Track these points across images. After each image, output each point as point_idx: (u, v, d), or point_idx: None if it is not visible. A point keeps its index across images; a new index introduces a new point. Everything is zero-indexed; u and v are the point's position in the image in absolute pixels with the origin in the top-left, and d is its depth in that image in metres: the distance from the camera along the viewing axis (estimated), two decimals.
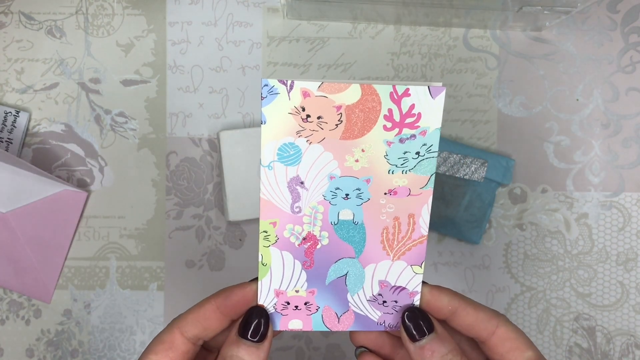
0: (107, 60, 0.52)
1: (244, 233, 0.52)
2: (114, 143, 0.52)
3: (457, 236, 0.52)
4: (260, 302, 0.33)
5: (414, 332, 0.32)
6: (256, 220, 0.52)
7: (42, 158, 0.52)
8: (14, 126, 0.51)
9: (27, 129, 0.52)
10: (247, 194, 0.50)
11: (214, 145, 0.52)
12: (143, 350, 0.52)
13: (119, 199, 0.52)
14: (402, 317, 0.33)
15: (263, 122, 0.30)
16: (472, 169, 0.50)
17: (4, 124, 0.51)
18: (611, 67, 0.52)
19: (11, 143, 0.51)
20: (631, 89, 0.52)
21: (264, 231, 0.33)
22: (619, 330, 0.52)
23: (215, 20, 0.52)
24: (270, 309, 0.34)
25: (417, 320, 0.33)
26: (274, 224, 0.33)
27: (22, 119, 0.51)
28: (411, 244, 0.33)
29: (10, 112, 0.51)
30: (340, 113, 0.31)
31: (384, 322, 0.34)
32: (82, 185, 0.52)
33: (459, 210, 0.51)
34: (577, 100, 0.52)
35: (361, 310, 0.34)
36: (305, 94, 0.30)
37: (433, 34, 0.52)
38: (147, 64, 0.52)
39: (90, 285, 0.52)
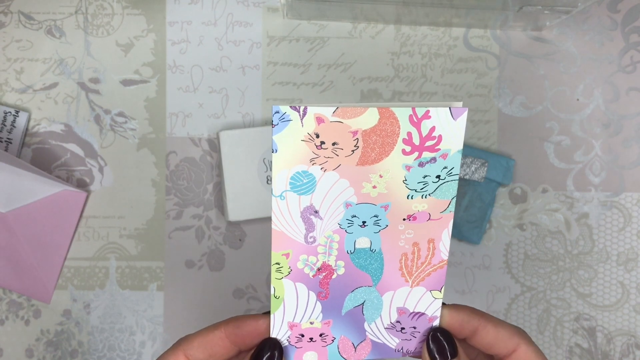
0: (107, 60, 0.52)
1: (243, 233, 0.52)
2: (113, 143, 0.52)
3: (457, 236, 0.52)
4: (273, 336, 0.32)
5: (437, 355, 0.32)
6: (256, 221, 0.52)
7: (41, 158, 0.52)
8: (13, 126, 0.51)
9: (27, 129, 0.52)
10: (247, 194, 0.50)
11: (214, 145, 0.52)
12: (142, 350, 0.52)
13: (119, 199, 0.52)
14: (427, 338, 0.32)
15: (274, 151, 0.29)
16: (473, 169, 0.50)
17: (3, 123, 0.50)
18: (612, 66, 0.52)
19: (11, 143, 0.51)
20: (632, 89, 0.52)
21: (276, 263, 0.31)
22: (619, 331, 0.52)
23: (215, 20, 0.52)
24: (284, 342, 0.32)
25: (442, 343, 0.32)
26: (287, 255, 0.31)
27: (22, 118, 0.51)
28: (431, 269, 0.32)
29: (9, 112, 0.51)
30: (357, 138, 0.29)
31: (402, 348, 0.33)
32: (82, 185, 0.52)
33: (459, 210, 0.51)
34: (578, 100, 0.52)
35: (378, 338, 0.33)
36: (319, 120, 0.29)
37: (433, 34, 0.52)
38: (147, 64, 0.52)
39: (90, 286, 0.52)
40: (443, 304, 0.33)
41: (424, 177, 0.30)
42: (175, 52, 0.52)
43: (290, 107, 0.28)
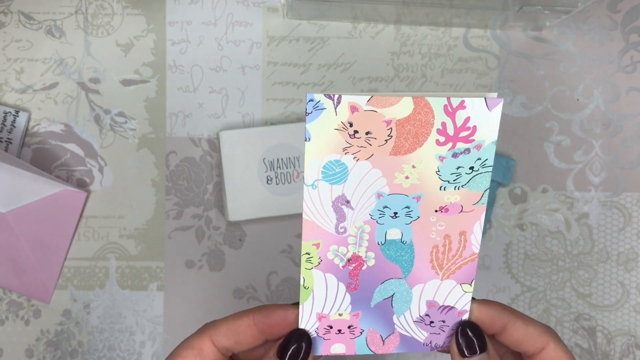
0: (107, 60, 0.52)
1: (243, 233, 0.52)
2: (113, 143, 0.52)
3: None
4: (301, 326, 0.32)
5: (465, 349, 0.31)
6: (256, 221, 0.52)
7: (41, 158, 0.52)
8: (13, 126, 0.51)
9: (27, 129, 0.52)
10: (247, 194, 0.50)
11: (214, 145, 0.52)
12: (142, 350, 0.52)
13: (119, 199, 0.52)
14: (457, 331, 0.32)
15: (307, 139, 0.28)
16: None
17: (3, 123, 0.50)
18: (612, 66, 0.52)
19: (11, 143, 0.51)
20: (632, 89, 0.52)
21: (306, 253, 0.31)
22: (619, 331, 0.52)
23: (215, 20, 0.52)
24: (312, 333, 0.32)
25: (471, 337, 0.32)
26: (317, 245, 0.31)
27: (22, 118, 0.51)
28: (462, 262, 0.32)
29: (9, 112, 0.51)
30: (390, 128, 0.29)
31: (430, 342, 0.33)
32: (82, 185, 0.52)
33: None
34: (578, 100, 0.52)
35: (407, 332, 0.33)
36: (353, 109, 0.28)
37: (433, 34, 0.52)
38: (147, 64, 0.52)
39: (90, 286, 0.52)
40: (473, 298, 0.32)
41: (457, 168, 0.30)
42: (175, 52, 0.52)
43: (325, 95, 0.28)
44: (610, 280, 0.52)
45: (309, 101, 0.28)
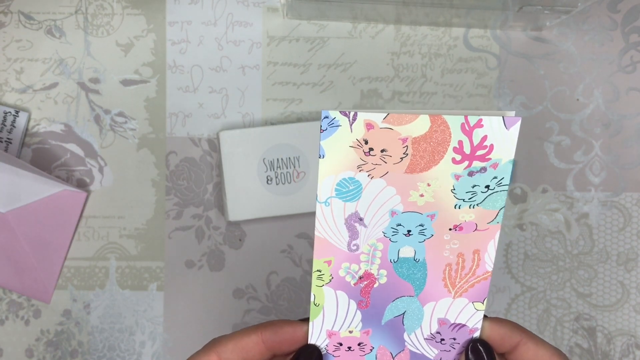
0: (107, 60, 0.52)
1: (243, 233, 0.52)
2: (113, 143, 0.52)
3: None
4: (311, 343, 0.32)
5: None
6: (256, 221, 0.52)
7: (41, 158, 0.52)
8: (13, 126, 0.51)
9: (27, 129, 0.52)
10: (247, 194, 0.50)
11: (214, 145, 0.52)
12: (142, 350, 0.52)
13: (119, 199, 0.52)
14: (467, 349, 0.32)
15: (321, 156, 0.28)
16: None
17: (3, 123, 0.50)
18: (612, 67, 0.52)
19: (10, 143, 0.51)
20: (632, 89, 0.52)
21: (317, 270, 0.31)
22: (619, 331, 0.52)
23: (215, 20, 0.52)
24: (322, 350, 0.32)
25: (482, 355, 0.32)
26: (329, 262, 0.31)
27: (22, 118, 0.51)
28: (474, 281, 0.31)
29: (9, 112, 0.51)
30: (406, 145, 0.28)
31: (441, 359, 0.33)
32: (82, 185, 0.52)
33: None
34: (578, 100, 0.52)
35: (417, 349, 0.33)
36: (369, 126, 0.28)
37: (433, 34, 0.52)
38: (147, 64, 0.52)
39: (90, 286, 0.52)
40: (485, 316, 0.32)
41: (473, 186, 0.30)
42: (175, 52, 0.52)
43: (340, 112, 0.28)
44: (610, 280, 0.52)
45: (324, 118, 0.28)
